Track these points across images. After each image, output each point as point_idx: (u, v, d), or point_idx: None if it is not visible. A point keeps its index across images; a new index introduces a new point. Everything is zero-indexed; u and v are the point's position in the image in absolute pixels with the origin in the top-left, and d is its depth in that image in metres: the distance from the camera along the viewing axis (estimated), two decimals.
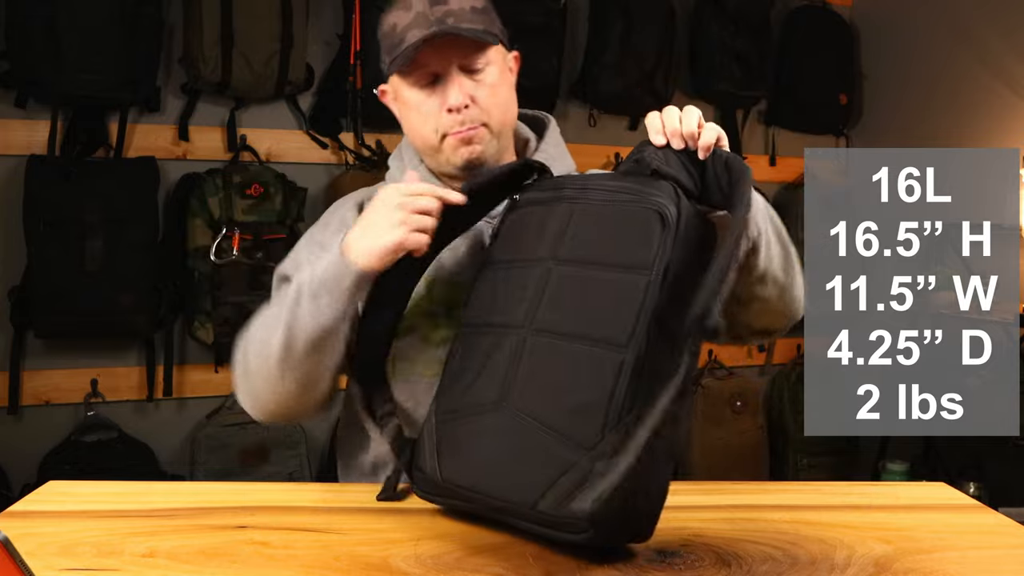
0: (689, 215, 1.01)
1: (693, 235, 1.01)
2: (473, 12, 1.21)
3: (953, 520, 1.17)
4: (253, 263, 2.66)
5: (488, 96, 1.23)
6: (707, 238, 1.02)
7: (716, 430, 3.32)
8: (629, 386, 0.94)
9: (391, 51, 1.22)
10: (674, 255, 0.99)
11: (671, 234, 0.99)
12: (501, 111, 1.25)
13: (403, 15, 1.21)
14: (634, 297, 0.97)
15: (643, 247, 0.99)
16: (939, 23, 3.25)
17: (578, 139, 3.23)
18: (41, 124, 2.59)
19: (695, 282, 0.95)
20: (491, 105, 1.23)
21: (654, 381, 0.93)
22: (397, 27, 1.21)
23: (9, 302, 2.60)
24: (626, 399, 0.94)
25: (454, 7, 1.20)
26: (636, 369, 0.94)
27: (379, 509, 1.18)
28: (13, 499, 1.36)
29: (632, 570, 0.98)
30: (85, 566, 0.99)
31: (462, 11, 1.20)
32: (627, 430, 0.92)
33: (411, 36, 1.19)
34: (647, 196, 1.02)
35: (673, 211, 1.00)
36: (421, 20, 1.19)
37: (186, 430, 2.83)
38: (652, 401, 0.92)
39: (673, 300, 0.96)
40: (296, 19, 2.75)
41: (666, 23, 3.21)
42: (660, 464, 0.96)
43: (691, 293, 0.94)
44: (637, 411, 0.93)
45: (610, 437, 0.93)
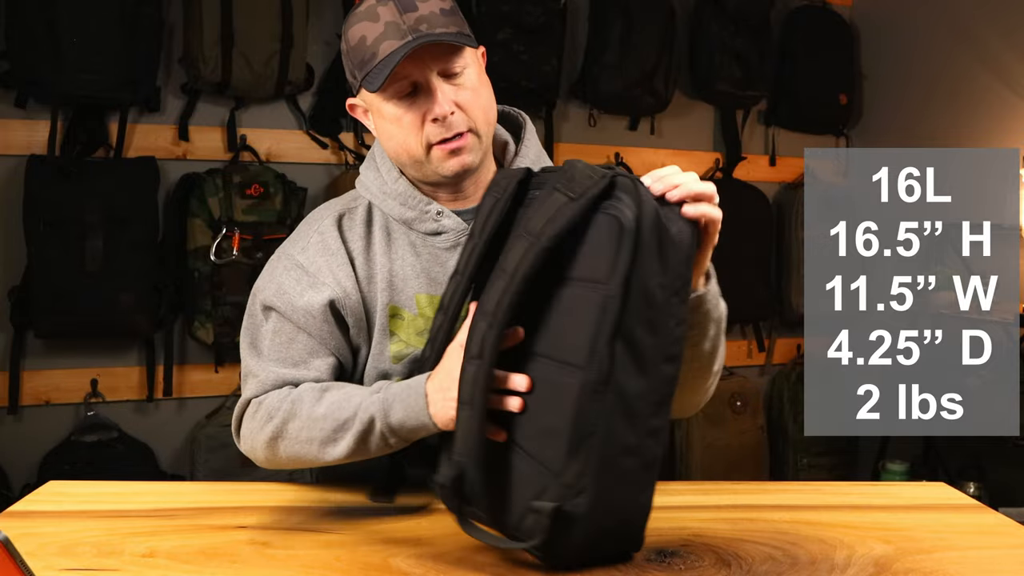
0: (654, 219, 0.92)
1: (662, 241, 0.93)
2: (444, 15, 1.14)
3: (953, 520, 1.17)
4: (253, 263, 2.66)
5: (471, 99, 1.17)
6: (681, 243, 0.94)
7: (716, 430, 3.32)
8: (590, 408, 0.92)
9: (363, 66, 1.15)
10: (638, 265, 0.91)
11: (629, 242, 0.91)
12: (485, 113, 1.19)
13: (371, 26, 1.14)
14: (592, 313, 0.92)
15: (600, 258, 0.93)
16: (939, 23, 3.25)
17: (578, 139, 3.23)
18: (41, 124, 2.59)
19: (669, 293, 0.92)
20: (475, 109, 1.17)
21: (621, 400, 0.92)
22: (367, 40, 1.14)
23: (9, 302, 2.60)
24: (587, 422, 0.92)
25: (424, 12, 1.13)
26: (597, 390, 0.92)
27: (379, 509, 1.18)
28: (13, 499, 1.36)
29: (632, 570, 0.98)
30: (85, 566, 0.99)
31: (433, 15, 1.13)
32: (590, 454, 0.92)
33: (385, 48, 1.12)
34: (601, 201, 0.94)
35: (630, 215, 0.91)
36: (393, 30, 1.12)
37: (186, 430, 2.83)
38: (624, 422, 0.92)
39: (639, 313, 0.91)
40: (296, 19, 2.75)
41: (666, 23, 3.21)
42: (633, 484, 0.95)
43: (666, 304, 0.92)
44: (602, 434, 0.92)
45: (573, 463, 0.93)
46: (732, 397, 3.35)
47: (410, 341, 1.21)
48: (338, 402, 1.14)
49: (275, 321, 1.21)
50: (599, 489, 0.92)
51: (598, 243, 0.93)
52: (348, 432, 1.11)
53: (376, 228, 1.25)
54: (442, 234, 1.23)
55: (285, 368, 1.19)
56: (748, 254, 3.36)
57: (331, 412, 1.13)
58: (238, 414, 1.22)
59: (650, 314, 0.92)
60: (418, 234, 1.23)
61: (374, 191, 1.26)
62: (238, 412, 1.22)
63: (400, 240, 1.24)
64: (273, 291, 1.22)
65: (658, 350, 0.93)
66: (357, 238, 1.24)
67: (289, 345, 1.20)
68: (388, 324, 1.21)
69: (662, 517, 1.00)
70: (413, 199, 1.23)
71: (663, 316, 0.93)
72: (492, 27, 2.91)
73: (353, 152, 2.91)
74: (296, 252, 1.24)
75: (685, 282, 0.94)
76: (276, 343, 1.21)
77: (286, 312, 1.20)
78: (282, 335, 1.21)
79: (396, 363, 1.22)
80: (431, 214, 1.22)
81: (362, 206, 1.27)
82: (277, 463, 1.19)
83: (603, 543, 0.97)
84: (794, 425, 3.49)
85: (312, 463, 1.17)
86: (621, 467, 0.93)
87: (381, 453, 1.14)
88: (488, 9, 2.92)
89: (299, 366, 1.19)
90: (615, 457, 0.93)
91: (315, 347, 1.20)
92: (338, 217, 1.26)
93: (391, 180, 1.25)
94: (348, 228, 1.25)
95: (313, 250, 1.23)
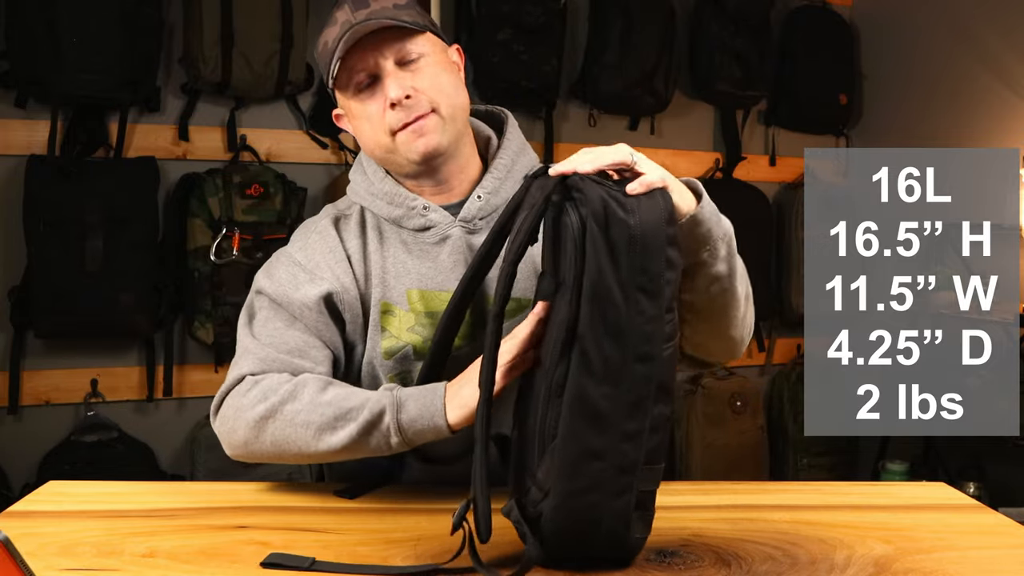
0: (600, 216, 0.89)
1: (612, 237, 0.89)
2: (396, 8, 1.18)
3: (953, 520, 1.17)
4: (253, 263, 2.66)
5: (430, 83, 1.18)
6: (644, 235, 0.90)
7: (716, 430, 3.32)
8: (550, 412, 0.93)
9: (327, 68, 1.19)
10: (588, 263, 0.89)
11: (570, 244, 0.90)
12: (448, 97, 1.19)
13: (331, 30, 1.19)
14: (554, 315, 0.94)
15: (560, 258, 0.93)
16: (939, 23, 3.25)
17: (578, 139, 3.23)
18: (41, 124, 2.59)
19: (631, 288, 0.89)
20: (433, 90, 1.18)
21: (582, 404, 0.91)
22: (328, 43, 1.19)
23: (9, 302, 2.60)
24: (550, 425, 0.93)
25: (375, 7, 1.17)
26: (555, 393, 0.92)
27: (379, 509, 1.18)
28: (13, 499, 1.36)
29: (632, 570, 0.98)
30: (85, 566, 0.99)
31: (384, 8, 1.17)
32: (553, 457, 0.92)
33: (337, 44, 1.17)
34: (543, 203, 0.93)
35: (573, 216, 0.90)
36: (346, 28, 1.16)
37: (186, 430, 2.83)
38: (587, 427, 0.91)
39: (596, 315, 0.89)
40: (296, 19, 2.75)
41: (666, 23, 3.21)
42: (602, 487, 0.93)
43: (628, 301, 0.89)
44: (561, 439, 0.92)
45: (543, 465, 0.94)
46: (732, 397, 3.35)
47: (401, 336, 1.22)
48: (345, 393, 1.14)
49: (272, 311, 1.22)
50: (563, 492, 0.93)
51: (561, 248, 0.93)
52: (352, 422, 1.11)
53: (370, 229, 1.27)
54: (430, 228, 1.24)
55: (283, 354, 1.19)
56: (748, 254, 3.34)
57: (336, 400, 1.13)
58: (223, 391, 1.19)
59: (608, 314, 0.89)
60: (408, 231, 1.25)
61: (362, 194, 1.29)
62: (224, 389, 1.19)
63: (392, 239, 1.26)
64: (271, 285, 1.24)
65: (624, 351, 0.90)
66: (353, 238, 1.26)
67: (285, 333, 1.20)
68: (380, 320, 1.23)
69: (662, 517, 1.00)
70: (399, 196, 1.25)
71: (627, 315, 0.89)
72: (492, 27, 2.92)
73: (353, 152, 2.91)
74: (295, 251, 1.26)
75: (653, 276, 0.90)
76: (273, 330, 1.21)
77: (284, 303, 1.22)
78: (279, 323, 1.21)
79: (388, 359, 1.22)
80: (417, 209, 1.24)
81: (355, 210, 1.30)
82: (254, 448, 1.15)
83: (575, 545, 0.96)
84: (794, 425, 3.49)
85: (297, 455, 1.14)
86: (587, 471, 0.92)
87: (375, 454, 1.13)
88: (488, 9, 2.92)
89: (296, 355, 1.19)
90: (578, 461, 0.92)
91: (311, 339, 1.21)
92: (335, 219, 1.29)
93: (377, 180, 1.27)
94: (345, 229, 1.27)
95: (312, 248, 1.25)
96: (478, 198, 1.25)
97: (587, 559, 0.98)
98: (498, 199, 1.25)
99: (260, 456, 1.17)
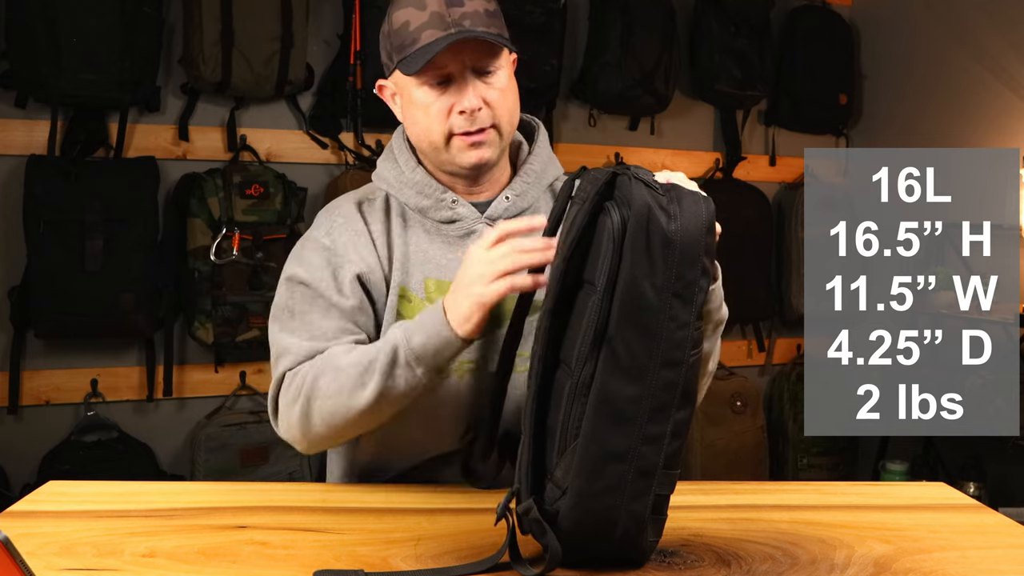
0: (644, 217, 0.89)
1: (653, 240, 0.89)
2: (487, 15, 1.20)
3: (953, 520, 1.17)
4: (253, 263, 2.66)
5: (499, 99, 1.22)
6: (683, 242, 0.89)
7: (716, 430, 3.31)
8: (573, 411, 0.93)
9: (401, 49, 1.20)
10: (624, 264, 0.89)
11: (610, 242, 0.90)
12: (510, 114, 1.25)
13: (416, 13, 1.19)
14: (584, 315, 0.93)
15: (594, 258, 0.93)
16: (939, 23, 3.25)
17: (578, 139, 3.23)
18: (41, 124, 2.59)
19: (667, 294, 0.89)
20: (501, 108, 1.22)
21: (608, 404, 0.91)
22: (410, 25, 1.19)
23: (9, 302, 2.60)
24: (572, 424, 0.93)
25: (469, 9, 1.18)
26: (581, 392, 0.92)
27: (379, 509, 1.18)
28: (13, 499, 1.36)
29: (632, 570, 0.98)
30: (85, 566, 0.99)
31: (477, 14, 1.19)
32: (574, 456, 0.92)
33: (427, 36, 1.17)
34: (604, 201, 0.94)
35: (615, 214, 0.90)
36: (437, 21, 1.17)
37: (186, 430, 2.83)
38: (611, 427, 0.91)
39: (628, 316, 0.90)
40: (296, 19, 2.75)
41: (666, 23, 3.21)
42: (621, 490, 0.93)
43: (662, 306, 0.89)
44: (584, 437, 0.92)
45: (562, 463, 0.94)
46: (732, 397, 3.34)
47: None
48: (363, 349, 1.18)
49: (307, 297, 1.24)
50: (580, 491, 0.92)
51: (597, 245, 0.93)
52: (375, 372, 1.14)
53: (394, 214, 1.30)
54: (456, 222, 1.28)
55: (317, 342, 1.21)
56: (748, 254, 3.36)
57: (356, 358, 1.16)
58: (273, 394, 1.23)
59: (641, 317, 0.89)
60: (432, 222, 1.28)
61: (391, 181, 1.31)
62: (273, 392, 1.23)
63: (415, 227, 1.29)
64: (303, 271, 1.26)
65: (653, 354, 0.90)
66: (377, 221, 1.29)
67: (320, 321, 1.22)
68: (397, 304, 1.25)
69: None
70: (429, 187, 1.28)
71: (659, 319, 0.90)
72: None
73: (353, 152, 2.91)
74: (321, 236, 1.28)
75: (688, 283, 0.90)
76: (307, 320, 1.23)
77: (318, 288, 1.23)
78: (313, 311, 1.23)
79: None
80: (447, 202, 1.28)
81: (380, 196, 1.32)
82: (314, 436, 1.20)
83: (589, 545, 0.96)
84: (794, 425, 3.49)
85: (348, 423, 1.17)
86: (606, 472, 0.92)
87: (412, 392, 1.15)
88: None
89: (331, 340, 1.21)
90: (599, 462, 0.92)
91: (345, 324, 1.23)
92: (358, 203, 1.31)
93: (408, 170, 1.30)
94: (369, 212, 1.30)
95: (338, 231, 1.27)
96: (506, 199, 1.29)
97: (593, 559, 0.98)
98: (524, 202, 1.30)
99: (323, 440, 1.22)
